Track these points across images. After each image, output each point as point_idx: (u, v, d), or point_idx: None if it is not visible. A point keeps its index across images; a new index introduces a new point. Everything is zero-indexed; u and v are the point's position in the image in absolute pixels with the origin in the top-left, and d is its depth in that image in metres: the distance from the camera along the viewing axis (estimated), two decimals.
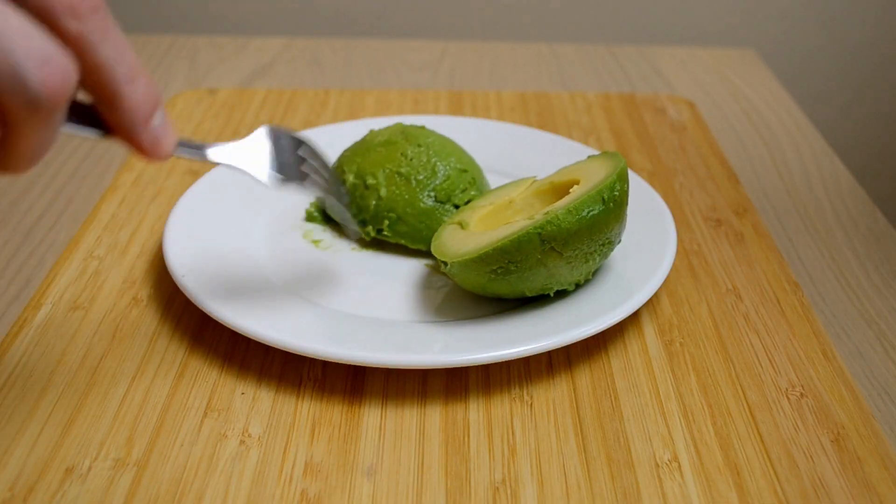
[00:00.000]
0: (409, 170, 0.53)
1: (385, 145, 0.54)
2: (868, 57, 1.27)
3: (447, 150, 0.55)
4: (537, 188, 0.50)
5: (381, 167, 0.53)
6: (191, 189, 0.54)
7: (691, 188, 0.62)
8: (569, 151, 0.61)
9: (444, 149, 0.55)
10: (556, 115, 0.73)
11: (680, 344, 0.46)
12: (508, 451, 0.39)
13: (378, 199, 0.53)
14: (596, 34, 1.22)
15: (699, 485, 0.38)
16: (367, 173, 0.53)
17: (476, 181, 0.55)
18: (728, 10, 1.23)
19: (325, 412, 0.41)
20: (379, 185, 0.53)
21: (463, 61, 0.88)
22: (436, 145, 0.55)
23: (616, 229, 0.46)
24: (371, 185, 0.53)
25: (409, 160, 0.53)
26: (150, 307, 0.48)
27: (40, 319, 0.47)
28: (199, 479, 0.37)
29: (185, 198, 0.53)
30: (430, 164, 0.53)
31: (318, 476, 0.38)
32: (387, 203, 0.53)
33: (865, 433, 0.41)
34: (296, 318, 0.44)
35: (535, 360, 0.44)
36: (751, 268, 0.53)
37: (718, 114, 0.78)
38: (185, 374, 0.43)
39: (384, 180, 0.53)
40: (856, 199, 0.64)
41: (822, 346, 0.46)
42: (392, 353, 0.41)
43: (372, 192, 0.53)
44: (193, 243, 0.49)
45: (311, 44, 0.91)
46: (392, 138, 0.55)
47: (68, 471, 0.37)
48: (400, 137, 0.55)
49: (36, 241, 0.56)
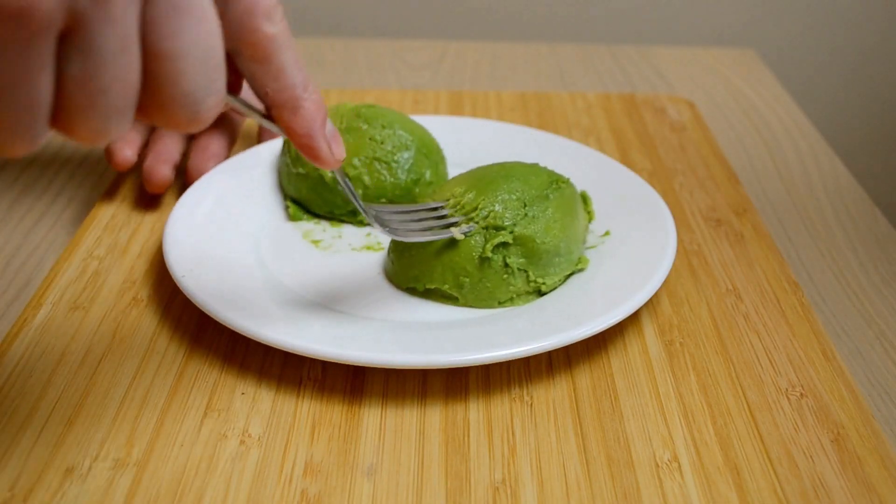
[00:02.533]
0: (385, 153, 0.54)
1: (350, 132, 0.55)
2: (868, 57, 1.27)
3: (406, 125, 0.56)
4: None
5: (356, 156, 0.54)
6: (191, 189, 0.54)
7: (691, 188, 0.62)
8: (569, 151, 0.61)
9: (404, 124, 0.56)
10: (556, 115, 0.73)
11: (680, 344, 0.46)
12: (508, 451, 0.39)
13: (364, 188, 0.54)
14: (596, 34, 1.22)
15: (699, 485, 0.38)
16: (346, 164, 0.54)
17: (424, 143, 0.57)
18: (728, 10, 1.23)
19: (325, 412, 0.41)
20: (361, 175, 0.54)
21: (463, 61, 0.88)
22: (396, 123, 0.56)
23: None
24: (353, 177, 0.54)
25: (381, 143, 0.55)
26: (150, 307, 0.48)
27: (40, 319, 0.47)
28: (199, 479, 0.37)
29: (185, 198, 0.53)
30: (402, 144, 0.55)
31: (318, 476, 0.38)
32: (374, 191, 0.54)
33: (865, 433, 0.41)
34: (296, 318, 0.44)
35: (535, 360, 0.44)
36: (751, 268, 0.53)
37: (718, 114, 0.78)
38: (185, 374, 0.43)
39: (365, 168, 0.54)
40: (856, 199, 0.64)
41: (822, 346, 0.46)
42: (392, 353, 0.41)
43: (356, 183, 0.54)
44: (193, 243, 0.49)
45: (311, 44, 0.91)
46: (352, 124, 0.56)
47: (68, 471, 0.37)
48: (360, 122, 0.56)
49: (36, 241, 0.56)
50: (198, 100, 0.29)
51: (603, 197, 0.55)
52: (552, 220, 0.47)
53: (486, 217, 0.46)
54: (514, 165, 0.50)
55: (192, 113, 0.29)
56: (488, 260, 0.46)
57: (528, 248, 0.46)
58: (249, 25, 0.32)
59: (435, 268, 0.47)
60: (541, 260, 0.46)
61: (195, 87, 0.29)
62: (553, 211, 0.47)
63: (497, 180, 0.48)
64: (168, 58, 0.28)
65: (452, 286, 0.46)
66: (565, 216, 0.48)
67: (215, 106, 0.30)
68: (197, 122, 0.30)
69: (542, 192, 0.48)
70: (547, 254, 0.46)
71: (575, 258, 0.49)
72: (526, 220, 0.46)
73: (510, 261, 0.46)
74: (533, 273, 0.46)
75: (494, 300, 0.47)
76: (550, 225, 0.47)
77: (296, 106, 0.35)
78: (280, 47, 0.33)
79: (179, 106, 0.29)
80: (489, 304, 0.47)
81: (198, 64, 0.28)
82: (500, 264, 0.46)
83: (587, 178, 0.57)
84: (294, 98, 0.35)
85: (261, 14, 0.32)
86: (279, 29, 0.33)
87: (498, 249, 0.46)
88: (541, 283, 0.47)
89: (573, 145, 0.61)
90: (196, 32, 0.28)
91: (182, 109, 0.29)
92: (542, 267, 0.47)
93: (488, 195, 0.47)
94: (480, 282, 0.46)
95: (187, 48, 0.28)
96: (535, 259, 0.46)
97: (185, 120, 0.29)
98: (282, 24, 0.33)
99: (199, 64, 0.28)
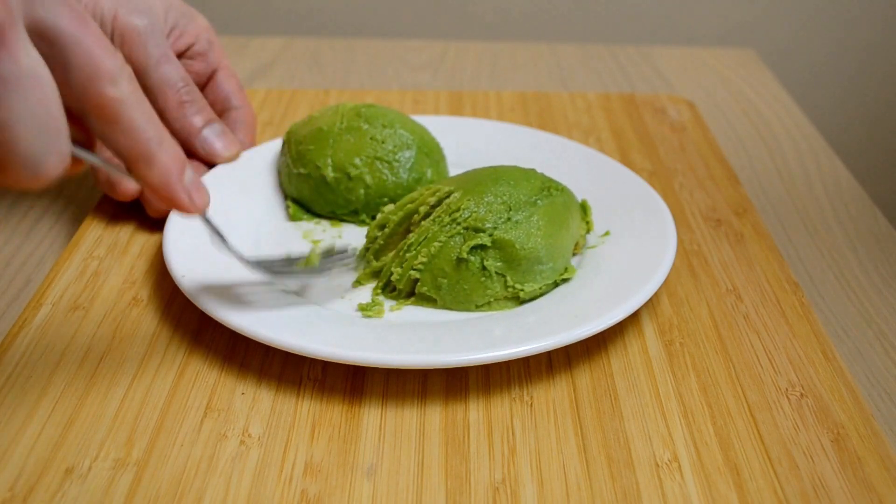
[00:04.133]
0: (386, 153, 0.55)
1: (350, 132, 0.55)
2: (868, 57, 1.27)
3: (406, 125, 0.57)
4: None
5: (358, 156, 0.54)
6: None
7: (691, 188, 0.62)
8: (569, 152, 0.61)
9: (404, 124, 0.57)
10: (556, 115, 0.73)
11: (680, 344, 0.46)
12: (508, 451, 0.39)
13: (366, 188, 0.54)
14: (596, 34, 1.22)
15: (699, 485, 0.38)
16: (347, 164, 0.54)
17: (425, 143, 0.57)
18: (728, 10, 1.23)
19: (325, 412, 0.41)
20: (363, 174, 0.54)
21: (463, 61, 0.88)
22: (396, 122, 0.56)
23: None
24: (355, 176, 0.54)
25: (382, 143, 0.55)
26: (150, 307, 0.48)
27: (40, 319, 0.47)
28: (199, 479, 0.37)
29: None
30: (403, 143, 0.55)
31: (318, 476, 0.38)
32: (376, 190, 0.54)
33: (865, 433, 0.41)
34: (296, 318, 0.44)
35: (535, 360, 0.44)
36: (751, 268, 0.53)
37: (718, 114, 0.78)
38: (185, 374, 0.43)
39: (366, 168, 0.54)
40: (856, 199, 0.64)
41: (822, 346, 0.46)
42: (392, 353, 0.41)
43: (358, 183, 0.54)
44: (193, 243, 0.49)
45: (311, 44, 0.91)
46: (352, 123, 0.56)
47: (68, 471, 0.37)
48: (360, 121, 0.56)
49: (36, 241, 0.56)
50: (37, 162, 0.31)
51: (603, 197, 0.55)
52: (536, 227, 0.47)
53: (466, 218, 0.46)
54: (508, 169, 0.50)
55: (33, 173, 0.31)
56: (465, 261, 0.46)
57: (507, 252, 0.46)
58: (92, 91, 0.33)
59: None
60: (520, 266, 0.46)
61: (33, 151, 0.30)
62: (539, 218, 0.47)
63: (486, 182, 0.48)
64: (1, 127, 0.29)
65: (431, 287, 0.46)
66: (552, 224, 0.47)
67: (57, 165, 0.31)
68: (39, 180, 0.31)
69: (531, 198, 0.48)
70: (527, 260, 0.46)
71: (560, 268, 0.48)
72: (508, 224, 0.46)
73: (487, 264, 0.46)
74: (511, 279, 0.46)
75: (472, 303, 0.46)
76: (533, 232, 0.46)
77: (150, 161, 0.35)
78: (128, 108, 0.34)
79: (20, 167, 0.30)
80: (466, 306, 0.47)
81: (32, 130, 0.30)
82: (477, 266, 0.46)
83: (587, 178, 0.57)
84: (148, 153, 0.35)
85: (104, 79, 0.33)
86: (125, 91, 0.34)
87: (475, 251, 0.46)
88: (519, 289, 0.46)
89: (573, 145, 0.61)
90: (26, 102, 0.30)
91: (23, 170, 0.31)
92: (522, 273, 0.46)
93: (474, 196, 0.47)
94: (458, 283, 0.46)
95: (17, 117, 0.29)
96: (514, 265, 0.46)
97: (28, 178, 0.31)
98: (129, 86, 0.34)
99: (34, 130, 0.30)
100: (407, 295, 0.47)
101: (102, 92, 0.33)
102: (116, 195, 0.54)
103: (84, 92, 0.33)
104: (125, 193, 0.54)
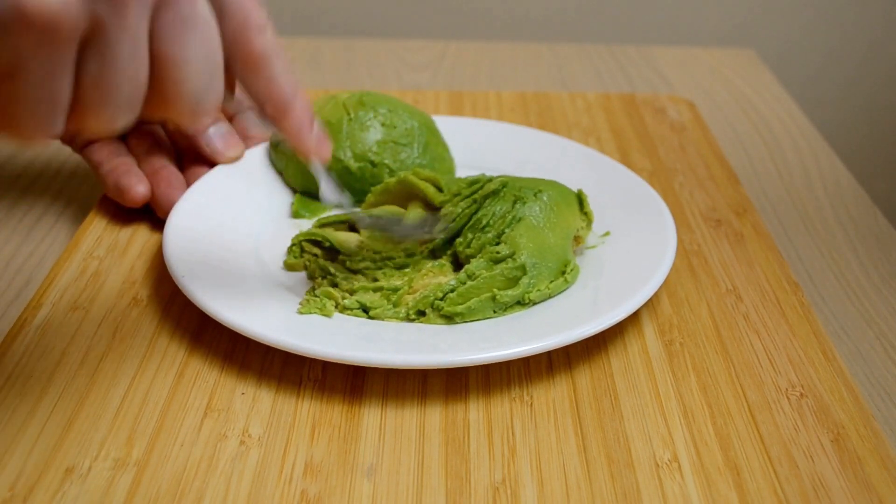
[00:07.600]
0: (401, 136, 0.57)
1: (361, 120, 0.57)
2: (869, 57, 1.27)
3: (407, 108, 0.58)
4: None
5: (376, 142, 0.56)
6: (191, 189, 0.54)
7: (691, 188, 0.62)
8: (569, 151, 0.61)
9: (405, 107, 0.58)
10: (556, 115, 0.73)
11: (680, 344, 0.46)
12: (508, 451, 0.39)
13: (390, 173, 0.56)
14: (596, 34, 1.22)
15: (699, 485, 0.38)
16: (368, 152, 0.56)
17: (426, 123, 0.59)
18: (728, 10, 1.23)
19: (325, 412, 0.41)
20: (383, 159, 0.56)
21: (463, 61, 0.88)
22: (399, 106, 0.58)
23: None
24: (378, 163, 0.56)
25: (394, 127, 0.57)
26: (150, 307, 0.48)
27: (40, 319, 0.47)
28: (199, 479, 0.37)
29: (185, 198, 0.53)
30: (412, 126, 0.57)
31: (318, 476, 0.38)
32: (401, 171, 0.56)
33: (865, 433, 0.41)
34: (296, 318, 0.44)
35: (535, 360, 0.44)
36: (751, 268, 0.53)
37: (718, 114, 0.78)
38: (185, 374, 0.43)
39: (387, 153, 0.56)
40: (856, 199, 0.64)
41: (822, 346, 0.46)
42: (392, 353, 0.41)
43: (382, 169, 0.56)
44: (193, 243, 0.49)
45: (311, 44, 0.91)
46: (360, 112, 0.57)
47: (68, 471, 0.37)
48: (367, 109, 0.57)
49: (36, 241, 0.56)
50: (199, 99, 0.33)
51: (603, 197, 0.55)
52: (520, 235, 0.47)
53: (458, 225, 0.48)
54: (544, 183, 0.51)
55: (194, 109, 0.33)
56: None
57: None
58: (242, 39, 0.36)
59: None
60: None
61: (197, 88, 0.33)
62: (524, 229, 0.47)
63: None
64: (174, 62, 0.32)
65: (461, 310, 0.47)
66: (531, 230, 0.47)
67: (214, 104, 0.34)
68: (197, 116, 0.33)
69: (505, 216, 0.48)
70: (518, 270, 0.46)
71: (557, 266, 0.47)
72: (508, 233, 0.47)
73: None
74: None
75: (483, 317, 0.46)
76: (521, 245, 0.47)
77: (286, 109, 0.38)
78: (270, 58, 0.37)
79: (183, 103, 0.33)
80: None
81: (200, 69, 0.32)
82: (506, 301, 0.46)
83: (587, 178, 0.57)
84: (284, 102, 0.38)
85: (253, 28, 0.36)
86: (270, 42, 0.37)
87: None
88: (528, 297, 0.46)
89: (573, 145, 0.61)
90: (199, 42, 0.32)
91: (185, 106, 0.33)
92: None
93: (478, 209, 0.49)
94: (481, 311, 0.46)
95: (191, 55, 0.32)
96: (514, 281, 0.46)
97: (188, 115, 0.33)
98: (273, 38, 0.37)
99: (201, 69, 0.32)
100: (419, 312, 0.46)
101: (252, 40, 0.36)
102: (125, 201, 0.54)
103: (235, 40, 0.35)
104: (134, 200, 0.54)
